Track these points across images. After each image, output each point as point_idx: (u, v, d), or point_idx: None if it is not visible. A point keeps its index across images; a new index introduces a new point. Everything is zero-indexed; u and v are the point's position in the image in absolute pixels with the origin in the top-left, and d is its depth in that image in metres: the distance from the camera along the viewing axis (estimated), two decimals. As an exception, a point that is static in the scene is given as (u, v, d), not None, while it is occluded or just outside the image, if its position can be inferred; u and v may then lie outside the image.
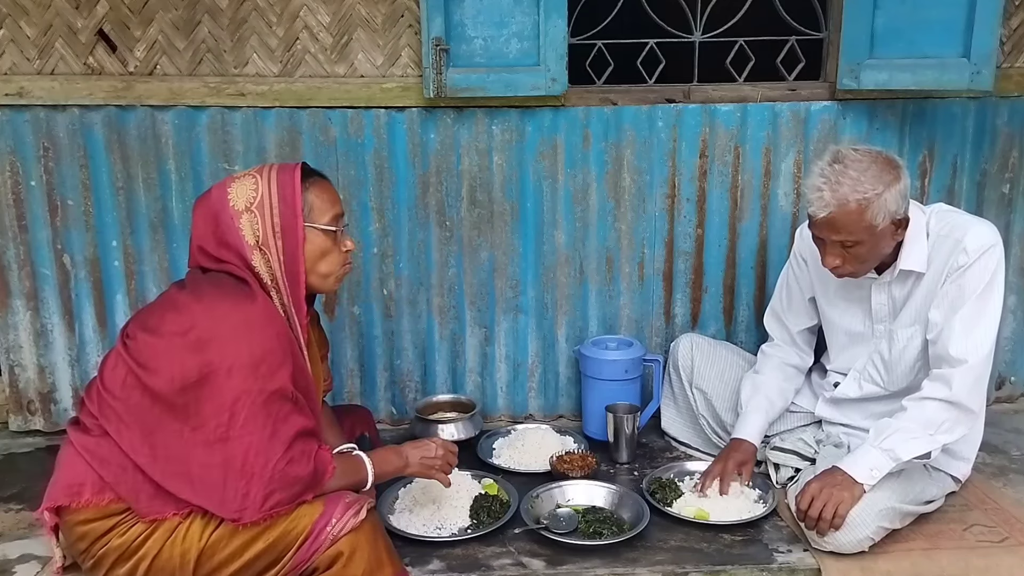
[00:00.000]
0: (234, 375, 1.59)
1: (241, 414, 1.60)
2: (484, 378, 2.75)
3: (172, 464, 1.62)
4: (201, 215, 1.73)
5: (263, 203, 1.69)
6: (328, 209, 1.77)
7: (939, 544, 1.97)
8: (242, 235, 1.68)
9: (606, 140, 2.58)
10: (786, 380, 2.32)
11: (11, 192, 2.51)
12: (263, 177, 1.73)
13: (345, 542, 1.63)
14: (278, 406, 1.63)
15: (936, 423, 1.92)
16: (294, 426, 1.65)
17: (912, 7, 2.40)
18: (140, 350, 1.66)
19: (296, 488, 1.63)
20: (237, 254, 1.69)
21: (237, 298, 1.65)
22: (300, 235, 1.71)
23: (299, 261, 1.71)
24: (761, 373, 2.33)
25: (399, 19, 2.48)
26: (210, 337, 1.61)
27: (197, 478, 1.61)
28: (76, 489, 1.65)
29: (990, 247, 1.93)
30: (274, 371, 1.63)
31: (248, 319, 1.64)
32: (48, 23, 2.43)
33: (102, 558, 1.67)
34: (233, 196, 1.71)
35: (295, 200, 1.70)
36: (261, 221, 1.69)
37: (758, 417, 2.24)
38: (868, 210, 1.85)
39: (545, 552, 1.97)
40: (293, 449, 1.63)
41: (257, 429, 1.60)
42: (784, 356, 2.35)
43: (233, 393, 1.59)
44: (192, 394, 1.61)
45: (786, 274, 2.35)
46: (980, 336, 1.93)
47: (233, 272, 1.70)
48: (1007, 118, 2.62)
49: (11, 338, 2.61)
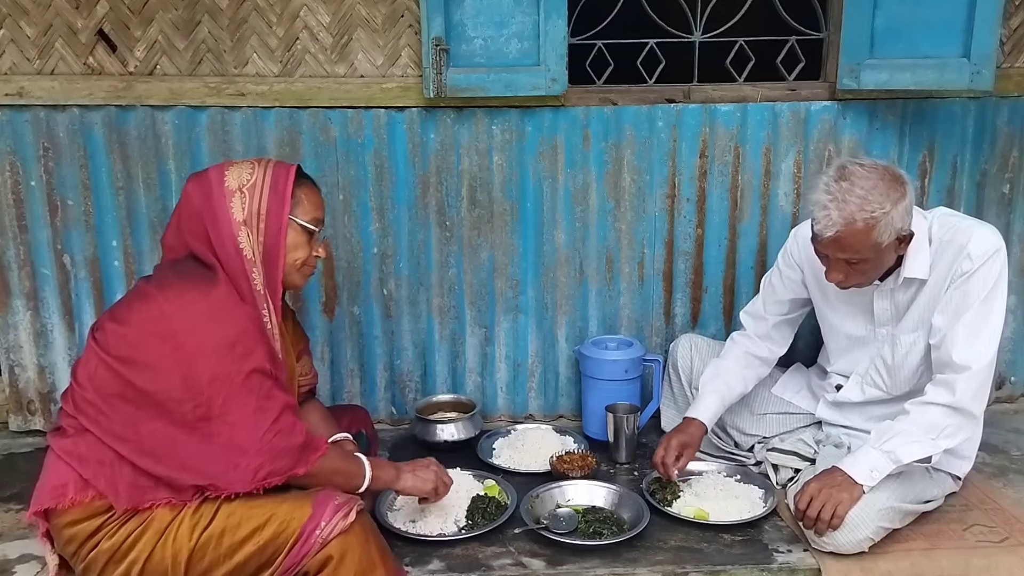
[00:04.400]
0: (207, 358, 1.62)
1: (220, 394, 1.62)
2: (484, 378, 2.75)
3: (160, 447, 1.64)
4: (195, 189, 1.77)
5: (255, 186, 1.76)
6: (312, 211, 1.83)
7: (939, 544, 1.97)
8: (231, 212, 1.73)
9: (606, 140, 2.58)
10: (748, 368, 2.31)
11: (11, 192, 2.51)
12: (260, 166, 1.80)
13: (335, 545, 1.63)
14: (258, 382, 1.66)
15: (938, 428, 1.91)
16: (278, 400, 1.68)
17: (912, 7, 2.40)
18: (110, 341, 1.68)
19: (286, 460, 1.66)
20: (223, 232, 1.72)
21: (203, 285, 1.69)
22: (284, 222, 1.76)
23: (279, 246, 1.76)
24: (724, 359, 2.33)
25: (399, 19, 2.48)
26: (179, 324, 1.64)
27: (186, 456, 1.64)
28: (60, 490, 1.66)
29: (994, 252, 1.93)
30: (250, 351, 1.66)
31: (215, 304, 1.67)
32: (48, 23, 2.43)
33: (92, 561, 1.67)
34: (229, 177, 1.77)
35: (286, 190, 1.77)
36: (250, 201, 1.74)
37: (713, 400, 2.23)
38: (875, 229, 1.84)
39: (545, 552, 1.97)
40: (280, 422, 1.66)
41: (239, 406, 1.63)
42: (751, 347, 2.33)
43: (208, 374, 1.62)
44: (167, 380, 1.62)
45: (771, 274, 2.33)
46: (984, 342, 1.92)
47: (203, 258, 1.73)
48: (1007, 118, 2.62)
49: (11, 338, 2.61)
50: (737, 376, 2.28)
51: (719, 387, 2.26)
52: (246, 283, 1.73)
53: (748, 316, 2.38)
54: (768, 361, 2.35)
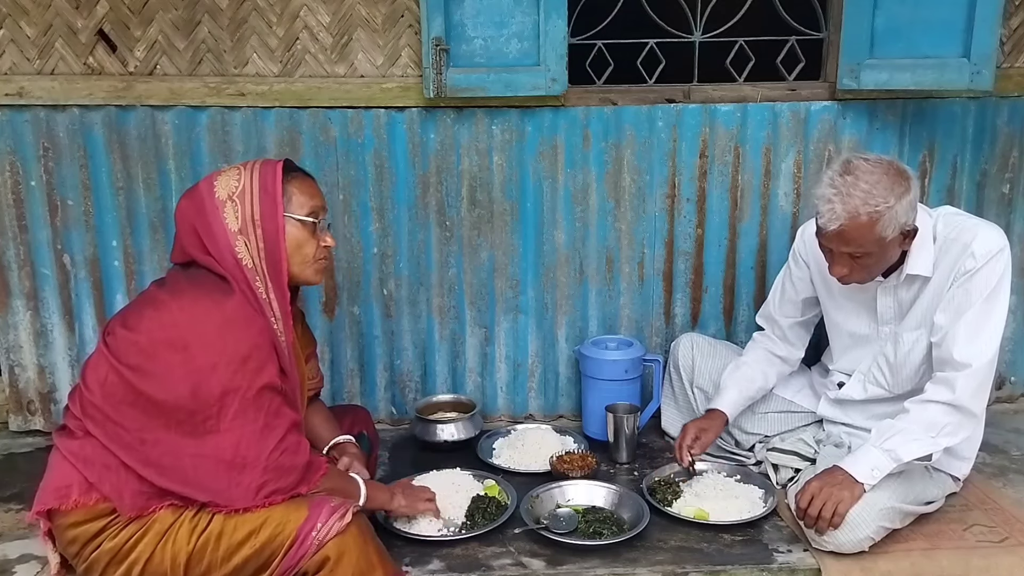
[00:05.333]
0: (219, 371, 1.61)
1: (231, 408, 1.62)
2: (484, 378, 2.75)
3: (164, 458, 1.64)
4: (188, 206, 1.75)
5: (244, 192, 1.72)
6: (307, 202, 1.78)
7: (939, 544, 1.97)
8: (225, 223, 1.71)
9: (606, 140, 2.58)
10: (769, 365, 2.34)
11: (11, 192, 2.51)
12: (246, 169, 1.77)
13: (332, 546, 1.63)
14: (268, 399, 1.66)
15: (938, 426, 1.91)
16: (286, 418, 1.68)
17: (912, 7, 2.40)
18: (120, 347, 1.67)
19: (290, 478, 1.66)
20: (221, 246, 1.70)
21: (216, 296, 1.67)
22: (280, 223, 1.73)
23: (280, 249, 1.73)
24: (745, 356, 2.37)
25: (399, 19, 2.48)
26: (192, 335, 1.63)
27: (190, 468, 1.63)
28: (64, 491, 1.65)
29: (998, 252, 1.93)
30: (262, 366, 1.66)
31: (228, 316, 1.66)
32: (48, 23, 2.43)
33: (94, 562, 1.67)
34: (218, 187, 1.74)
35: (275, 190, 1.73)
36: (242, 209, 1.71)
37: (733, 392, 2.28)
38: (879, 223, 1.84)
39: (545, 552, 1.97)
40: (286, 440, 1.66)
41: (248, 422, 1.63)
42: (771, 346, 2.36)
43: (220, 388, 1.61)
44: (177, 390, 1.62)
45: (783, 275, 2.35)
46: (985, 341, 1.92)
47: (213, 268, 1.71)
48: (1007, 118, 2.62)
49: (11, 338, 2.61)
50: (757, 371, 2.32)
51: (739, 380, 2.29)
52: (251, 292, 1.71)
53: (763, 318, 2.41)
54: (788, 361, 2.38)
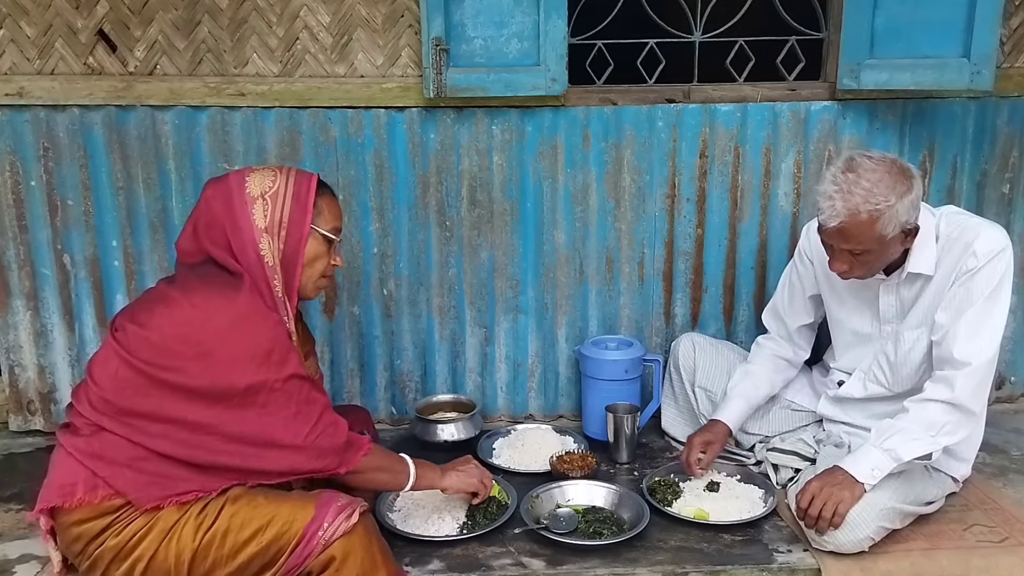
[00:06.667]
0: (240, 365, 1.63)
1: (259, 398, 1.65)
2: (484, 378, 2.75)
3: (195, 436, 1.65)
4: (215, 195, 1.76)
5: (277, 194, 1.77)
6: (332, 220, 1.84)
7: (939, 544, 1.97)
8: (253, 218, 1.74)
9: (606, 140, 2.58)
10: (776, 371, 2.35)
11: (11, 192, 2.51)
12: (283, 173, 1.80)
13: (338, 546, 1.64)
14: (297, 387, 1.69)
15: (938, 425, 1.91)
16: (318, 402, 1.72)
17: (912, 7, 2.40)
18: (132, 343, 1.67)
19: (329, 458, 1.70)
20: (244, 239, 1.72)
21: (227, 292, 1.69)
22: (305, 231, 1.77)
23: (299, 256, 1.77)
24: (752, 363, 2.36)
25: (399, 19, 2.48)
26: (207, 332, 1.64)
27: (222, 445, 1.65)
28: (69, 489, 1.65)
29: (1000, 251, 1.93)
30: (285, 357, 1.69)
31: (241, 312, 1.67)
32: (48, 23, 2.43)
33: (98, 559, 1.66)
34: (251, 183, 1.77)
35: (308, 199, 1.78)
36: (272, 209, 1.75)
37: (739, 403, 2.27)
38: (879, 221, 1.84)
39: (545, 552, 1.97)
40: (322, 421, 1.70)
41: (280, 409, 1.66)
42: (777, 349, 2.36)
43: (244, 383, 1.63)
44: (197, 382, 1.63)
45: (789, 272, 2.35)
46: (985, 339, 1.92)
47: (225, 263, 1.72)
48: (1007, 118, 2.62)
49: (11, 338, 2.61)
50: (764, 379, 2.32)
51: (746, 389, 2.29)
52: (268, 290, 1.74)
53: (770, 318, 2.40)
54: (794, 363, 2.38)
